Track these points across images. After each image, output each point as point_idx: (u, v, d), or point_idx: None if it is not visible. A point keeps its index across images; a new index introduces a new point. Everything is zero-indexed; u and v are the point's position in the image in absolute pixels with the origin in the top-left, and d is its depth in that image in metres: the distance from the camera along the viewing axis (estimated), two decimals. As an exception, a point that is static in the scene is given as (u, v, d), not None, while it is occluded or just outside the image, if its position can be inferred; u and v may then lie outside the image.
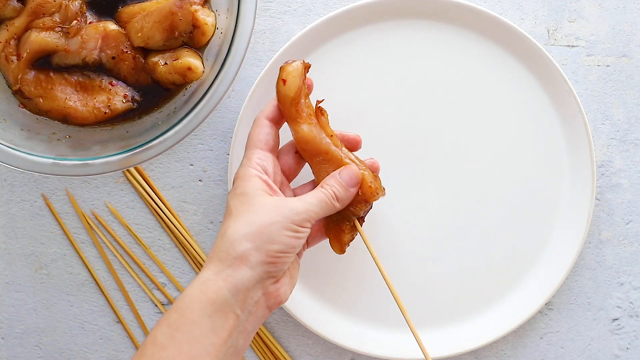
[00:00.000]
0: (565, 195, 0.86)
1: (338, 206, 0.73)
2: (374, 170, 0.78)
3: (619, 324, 0.88)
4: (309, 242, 0.78)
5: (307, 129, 0.74)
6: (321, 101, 0.77)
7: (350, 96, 0.86)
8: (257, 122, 0.75)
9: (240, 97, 0.88)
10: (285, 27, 0.88)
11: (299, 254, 0.76)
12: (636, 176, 0.88)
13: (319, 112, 0.76)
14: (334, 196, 0.73)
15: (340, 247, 0.77)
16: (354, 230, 0.76)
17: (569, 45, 0.89)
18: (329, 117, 0.76)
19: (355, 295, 0.87)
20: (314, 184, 0.77)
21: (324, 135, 0.75)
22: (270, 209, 0.69)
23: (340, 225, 0.76)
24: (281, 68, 0.74)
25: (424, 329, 0.86)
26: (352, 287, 0.87)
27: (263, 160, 0.73)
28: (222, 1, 0.78)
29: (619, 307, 0.88)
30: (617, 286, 0.88)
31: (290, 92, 0.74)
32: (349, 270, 0.86)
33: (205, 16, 0.77)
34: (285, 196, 0.75)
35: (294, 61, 0.74)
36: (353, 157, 0.75)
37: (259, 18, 0.87)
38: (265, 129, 0.74)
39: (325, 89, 0.86)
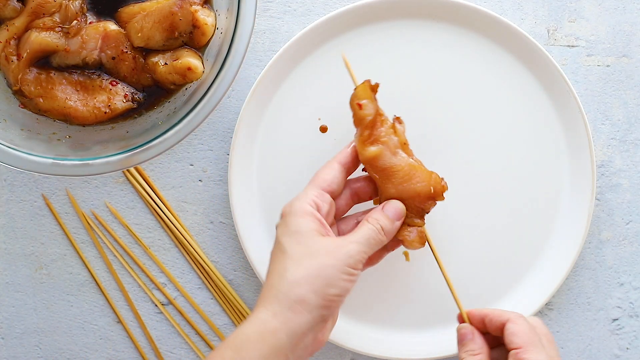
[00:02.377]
0: (565, 195, 0.86)
1: (385, 240, 0.73)
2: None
3: (619, 324, 0.88)
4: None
5: (378, 149, 0.75)
6: (398, 117, 0.78)
7: (350, 96, 0.86)
8: (328, 164, 0.76)
9: (240, 97, 0.88)
10: (285, 27, 0.88)
11: None
12: (636, 176, 0.88)
13: (397, 122, 0.77)
14: (381, 230, 0.73)
15: (420, 240, 0.76)
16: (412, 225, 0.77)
17: (569, 45, 0.89)
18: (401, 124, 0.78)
19: (356, 296, 0.87)
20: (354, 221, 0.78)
21: (397, 150, 0.76)
22: (327, 252, 0.69)
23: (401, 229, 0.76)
24: (353, 93, 0.76)
25: (425, 328, 0.86)
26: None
27: (320, 199, 0.73)
28: (222, 1, 0.78)
29: (619, 307, 0.88)
30: (617, 286, 0.88)
31: (367, 115, 0.75)
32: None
33: (205, 16, 0.77)
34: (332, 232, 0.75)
35: (364, 83, 0.76)
36: (418, 164, 0.77)
37: (259, 18, 0.87)
38: (334, 172, 0.75)
39: (325, 88, 0.86)
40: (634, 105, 0.88)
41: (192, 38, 0.78)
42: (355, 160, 0.76)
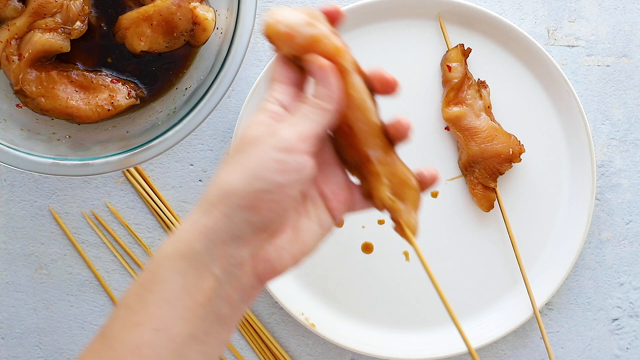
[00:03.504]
0: (565, 195, 0.86)
1: (329, 107, 0.57)
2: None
3: (619, 324, 0.88)
4: (333, 208, 0.60)
5: (460, 110, 0.80)
6: (484, 82, 0.84)
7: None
8: (277, 63, 0.60)
9: (240, 97, 0.88)
10: (285, 27, 0.88)
11: (334, 215, 0.60)
12: (636, 176, 0.88)
13: (481, 86, 0.82)
14: (318, 99, 0.58)
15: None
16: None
17: (569, 45, 0.89)
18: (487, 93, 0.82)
19: (356, 296, 0.87)
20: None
21: (481, 113, 0.82)
22: (252, 141, 0.56)
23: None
24: (445, 55, 0.82)
25: (425, 328, 0.86)
26: (352, 287, 0.87)
27: (281, 93, 0.59)
28: (222, 1, 0.79)
29: (619, 307, 0.88)
30: (617, 286, 0.88)
31: (454, 78, 0.81)
32: (349, 270, 0.86)
33: (204, 12, 0.77)
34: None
35: (456, 47, 0.82)
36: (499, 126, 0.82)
37: (259, 18, 0.87)
38: (286, 65, 0.60)
39: (325, 89, 0.86)
40: (634, 105, 0.88)
41: (193, 36, 0.78)
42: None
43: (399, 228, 0.62)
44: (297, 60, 0.60)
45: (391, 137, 0.63)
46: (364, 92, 0.60)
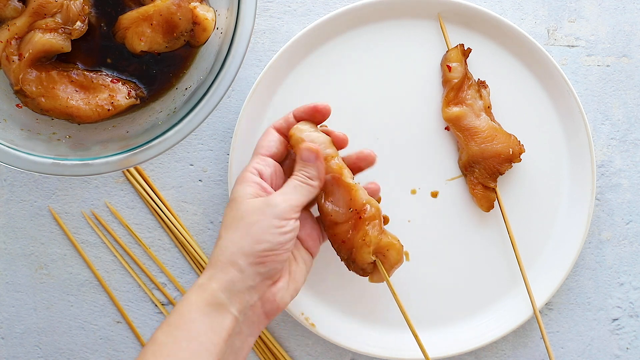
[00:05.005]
0: (565, 195, 0.86)
1: (316, 184, 0.74)
2: (373, 194, 0.80)
3: (619, 324, 0.88)
4: (310, 247, 0.78)
5: (460, 110, 0.81)
6: (483, 82, 0.84)
7: (350, 96, 0.86)
8: (265, 132, 0.78)
9: (240, 97, 0.88)
10: (285, 27, 0.88)
11: (311, 252, 0.77)
12: (636, 176, 0.88)
13: (481, 86, 0.82)
14: (306, 177, 0.74)
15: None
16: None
17: (569, 45, 0.89)
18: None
19: (355, 296, 0.87)
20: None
21: (481, 113, 0.82)
22: (254, 211, 0.71)
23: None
24: (445, 55, 0.83)
25: (424, 329, 0.86)
26: (352, 287, 0.87)
27: (260, 164, 0.75)
28: (222, 1, 0.78)
29: (619, 307, 0.88)
30: (617, 286, 0.88)
31: (454, 78, 0.81)
32: (348, 271, 0.86)
33: (204, 12, 0.77)
34: None
35: (456, 47, 0.83)
36: (498, 126, 0.82)
37: (259, 18, 0.87)
38: (270, 137, 0.77)
39: (326, 88, 0.86)
40: (634, 105, 0.88)
41: (193, 36, 0.78)
42: (289, 123, 0.78)
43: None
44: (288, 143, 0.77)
45: (356, 167, 0.79)
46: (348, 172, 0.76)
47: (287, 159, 0.79)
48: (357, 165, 0.79)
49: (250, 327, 0.72)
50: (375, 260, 0.76)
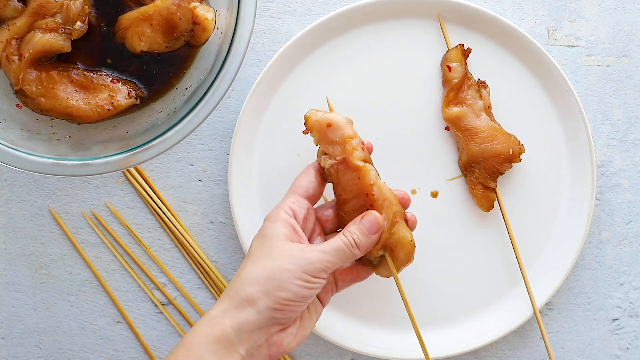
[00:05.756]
0: (565, 195, 0.86)
1: (358, 253, 0.72)
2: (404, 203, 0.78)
3: (619, 324, 0.88)
4: (322, 297, 0.76)
5: (460, 110, 0.80)
6: (483, 82, 0.84)
7: (350, 96, 0.86)
8: (304, 170, 0.76)
9: (240, 97, 0.88)
10: (285, 27, 0.88)
11: (322, 302, 0.76)
12: (636, 176, 0.88)
13: (481, 86, 0.82)
14: (354, 244, 0.72)
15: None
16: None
17: (569, 45, 0.89)
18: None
19: (355, 296, 0.87)
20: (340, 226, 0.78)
21: (481, 113, 0.82)
22: (286, 256, 0.69)
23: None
24: (445, 55, 0.83)
25: (424, 329, 0.86)
26: (352, 287, 0.87)
27: (296, 204, 0.73)
28: (222, 1, 0.78)
29: (619, 307, 0.88)
30: (617, 286, 0.88)
31: (454, 78, 0.81)
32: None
33: (204, 12, 0.77)
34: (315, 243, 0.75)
35: (456, 47, 0.83)
36: (498, 126, 0.82)
37: (259, 18, 0.87)
38: (309, 177, 0.75)
39: (325, 88, 0.86)
40: (634, 105, 0.88)
41: (193, 36, 0.78)
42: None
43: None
44: (325, 175, 0.75)
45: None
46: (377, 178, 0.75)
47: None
48: None
49: None
50: (383, 255, 0.75)
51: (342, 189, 0.74)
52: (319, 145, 0.75)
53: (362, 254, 0.73)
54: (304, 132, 0.75)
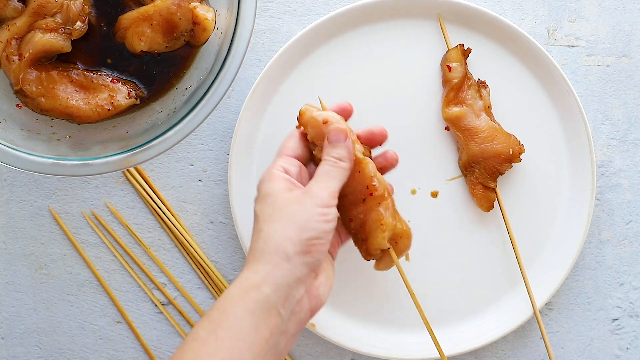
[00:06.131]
0: (565, 195, 0.86)
1: (345, 166, 0.72)
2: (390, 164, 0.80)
3: (619, 324, 0.88)
4: (331, 251, 0.76)
5: (460, 110, 0.80)
6: (484, 82, 0.84)
7: (350, 96, 0.86)
8: (289, 135, 0.76)
9: (240, 97, 0.88)
10: (285, 27, 0.88)
11: (333, 253, 0.76)
12: (636, 176, 0.88)
13: (481, 86, 0.82)
14: (336, 160, 0.72)
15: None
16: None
17: (569, 45, 0.89)
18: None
19: (356, 296, 0.87)
20: None
21: (481, 113, 0.82)
22: (294, 202, 0.69)
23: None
24: (445, 55, 0.83)
25: (424, 328, 0.86)
26: (352, 287, 0.87)
27: (287, 163, 0.74)
28: (222, 1, 0.79)
29: (619, 307, 0.88)
30: (617, 286, 0.88)
31: (454, 78, 0.81)
32: (348, 271, 0.86)
33: (204, 12, 0.77)
34: None
35: (456, 47, 0.83)
36: (497, 125, 0.82)
37: (259, 18, 0.87)
38: (294, 139, 0.76)
39: (325, 88, 0.86)
40: (634, 105, 0.88)
41: (193, 36, 0.78)
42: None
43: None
44: (311, 145, 0.75)
45: (371, 142, 0.79)
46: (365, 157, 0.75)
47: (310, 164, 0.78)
48: (369, 143, 0.78)
49: (296, 325, 0.68)
50: (388, 248, 0.75)
51: None
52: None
53: (351, 164, 0.73)
54: (297, 127, 0.76)
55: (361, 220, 0.74)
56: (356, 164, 0.74)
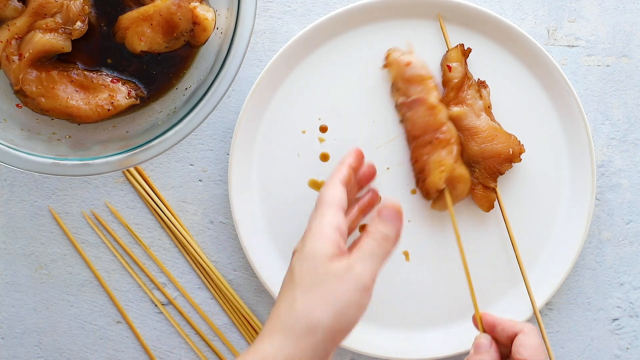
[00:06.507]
0: (565, 195, 0.86)
1: (391, 247, 0.69)
2: (373, 202, 0.79)
3: (619, 324, 0.88)
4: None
5: (460, 110, 0.82)
6: (484, 82, 0.85)
7: (350, 95, 0.86)
8: (332, 184, 0.72)
9: (240, 97, 0.88)
10: (285, 27, 0.88)
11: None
12: (636, 176, 0.88)
13: (481, 86, 0.84)
14: (384, 240, 0.69)
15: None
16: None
17: (569, 45, 0.89)
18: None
19: (355, 295, 0.87)
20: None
21: (481, 113, 0.83)
22: (337, 277, 0.66)
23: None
24: (445, 55, 0.84)
25: (425, 328, 0.86)
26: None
27: (338, 219, 0.69)
28: (222, 1, 0.79)
29: (619, 307, 0.88)
30: (617, 286, 0.88)
31: (454, 77, 0.83)
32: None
33: (204, 12, 0.77)
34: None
35: (456, 47, 0.84)
36: (498, 126, 0.84)
37: (259, 18, 0.87)
38: (339, 189, 0.71)
39: (325, 89, 0.86)
40: (634, 105, 0.88)
41: (193, 36, 0.78)
42: (350, 175, 0.74)
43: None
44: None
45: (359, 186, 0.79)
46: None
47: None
48: (360, 185, 0.77)
49: None
50: (444, 189, 0.81)
51: (411, 124, 0.82)
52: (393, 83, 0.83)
53: (395, 247, 0.70)
54: (384, 67, 0.83)
55: (424, 162, 0.81)
56: (431, 109, 0.81)
